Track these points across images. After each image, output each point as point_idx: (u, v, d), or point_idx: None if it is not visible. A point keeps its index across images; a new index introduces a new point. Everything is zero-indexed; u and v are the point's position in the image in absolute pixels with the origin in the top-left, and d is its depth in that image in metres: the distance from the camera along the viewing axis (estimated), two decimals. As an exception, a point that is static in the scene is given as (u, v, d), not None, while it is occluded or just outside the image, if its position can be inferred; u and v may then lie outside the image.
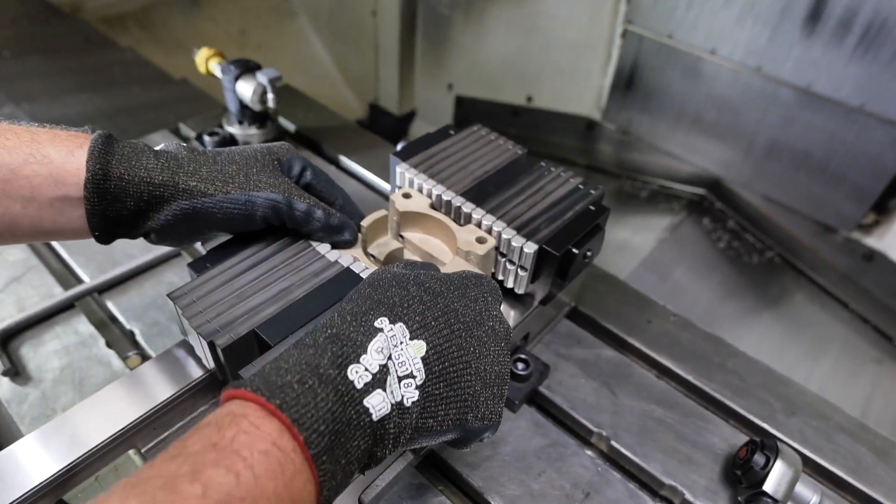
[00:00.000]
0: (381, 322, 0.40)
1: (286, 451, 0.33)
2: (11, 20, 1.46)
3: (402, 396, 0.39)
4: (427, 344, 0.40)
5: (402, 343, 0.40)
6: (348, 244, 0.59)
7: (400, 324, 0.40)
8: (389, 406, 0.38)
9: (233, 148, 0.55)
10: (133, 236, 0.52)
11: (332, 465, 0.35)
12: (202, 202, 0.50)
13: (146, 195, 0.48)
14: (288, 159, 0.57)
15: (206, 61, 0.91)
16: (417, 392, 0.39)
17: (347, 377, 0.37)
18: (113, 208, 0.48)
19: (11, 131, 0.47)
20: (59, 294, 0.71)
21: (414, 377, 0.39)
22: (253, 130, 0.90)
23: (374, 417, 0.37)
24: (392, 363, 0.39)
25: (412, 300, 0.42)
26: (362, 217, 0.62)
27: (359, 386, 0.37)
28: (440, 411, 0.41)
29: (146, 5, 1.92)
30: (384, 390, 0.38)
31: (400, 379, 0.39)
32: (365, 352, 0.38)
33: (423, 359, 0.40)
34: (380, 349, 0.39)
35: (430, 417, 0.41)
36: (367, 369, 0.37)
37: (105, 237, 0.50)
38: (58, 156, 0.46)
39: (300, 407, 0.34)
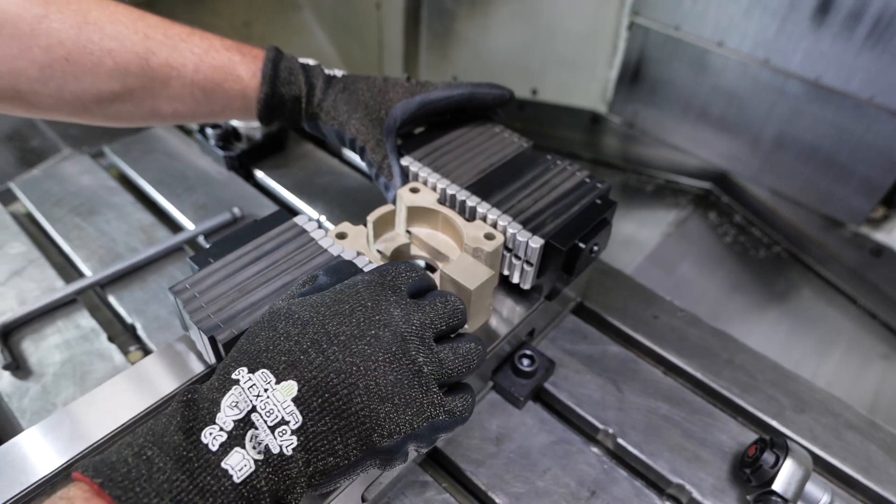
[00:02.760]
0: (239, 373, 0.38)
1: None
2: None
3: (280, 446, 0.36)
4: (298, 381, 0.37)
5: (266, 391, 0.37)
6: (390, 201, 0.65)
7: (261, 370, 0.38)
8: (253, 463, 0.35)
9: (362, 84, 0.66)
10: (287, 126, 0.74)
11: None
12: (319, 124, 0.67)
13: (295, 111, 0.66)
14: (400, 104, 0.65)
15: (209, 53, 0.90)
16: (295, 437, 0.36)
17: (201, 441, 0.35)
18: (275, 114, 0.66)
19: (215, 49, 0.62)
20: (60, 288, 0.71)
21: (287, 423, 0.36)
22: (255, 123, 0.89)
23: (237, 479, 0.35)
24: (258, 415, 0.36)
25: (278, 339, 0.39)
26: (503, 93, 0.70)
27: (214, 448, 0.35)
28: (337, 445, 0.38)
29: (149, -3, 1.91)
30: (243, 447, 0.35)
31: (272, 428, 0.36)
32: (219, 410, 0.36)
33: (294, 399, 0.37)
34: (233, 404, 0.36)
35: (327, 456, 0.38)
36: (221, 429, 0.35)
37: (269, 123, 0.68)
38: (246, 75, 0.62)
39: (128, 482, 0.33)
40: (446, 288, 0.56)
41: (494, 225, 0.59)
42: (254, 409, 0.36)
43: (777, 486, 0.54)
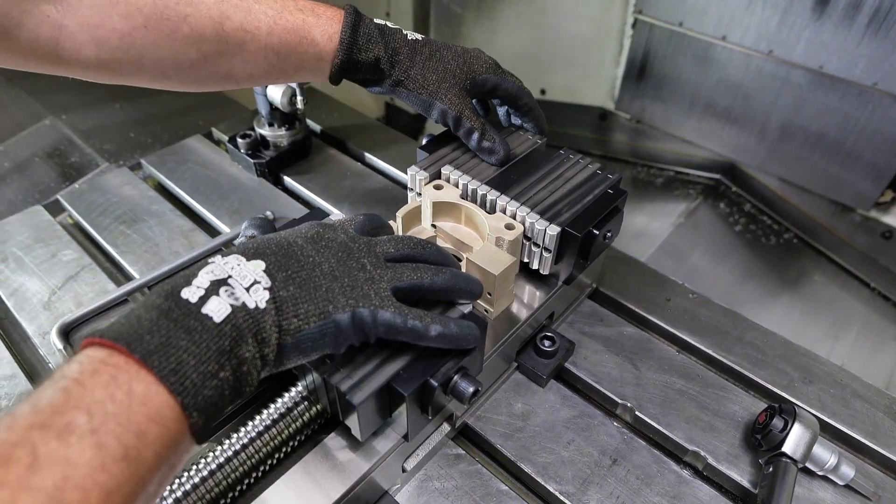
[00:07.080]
0: (214, 258, 0.45)
1: (117, 364, 0.36)
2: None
3: (256, 301, 0.43)
4: (265, 261, 0.45)
5: (238, 264, 0.44)
6: (496, 162, 0.69)
7: (233, 255, 0.45)
8: (229, 306, 0.41)
9: (445, 51, 0.68)
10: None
11: (172, 363, 0.37)
12: (401, 91, 0.67)
13: (372, 75, 0.66)
14: (483, 78, 0.68)
15: (237, 67, 0.95)
16: (268, 293, 0.43)
17: (181, 297, 0.41)
18: (348, 76, 0.66)
19: (288, 11, 0.61)
20: (112, 290, 0.76)
21: (259, 283, 0.44)
22: (282, 131, 0.95)
23: (217, 319, 0.40)
24: (234, 279, 0.43)
25: (248, 245, 0.48)
26: (543, 127, 0.77)
27: (193, 300, 0.41)
28: (300, 310, 0.45)
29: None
30: (218, 296, 0.41)
31: (247, 288, 0.43)
32: (195, 276, 0.43)
33: (264, 270, 0.45)
34: (209, 271, 0.43)
35: (292, 316, 0.44)
36: (198, 287, 0.42)
37: (338, 83, 0.67)
38: (321, 39, 0.62)
39: (120, 327, 0.38)
40: (472, 274, 0.61)
41: (514, 216, 0.64)
42: (229, 277, 0.43)
43: (787, 448, 0.58)
